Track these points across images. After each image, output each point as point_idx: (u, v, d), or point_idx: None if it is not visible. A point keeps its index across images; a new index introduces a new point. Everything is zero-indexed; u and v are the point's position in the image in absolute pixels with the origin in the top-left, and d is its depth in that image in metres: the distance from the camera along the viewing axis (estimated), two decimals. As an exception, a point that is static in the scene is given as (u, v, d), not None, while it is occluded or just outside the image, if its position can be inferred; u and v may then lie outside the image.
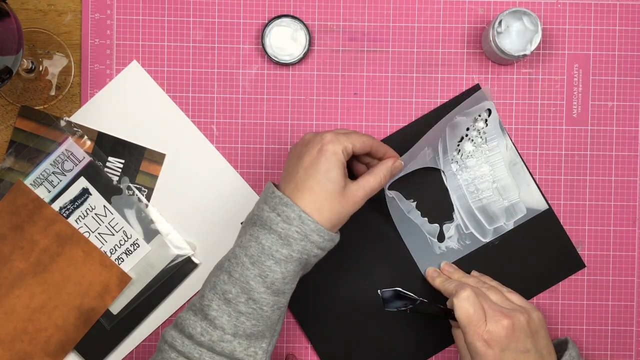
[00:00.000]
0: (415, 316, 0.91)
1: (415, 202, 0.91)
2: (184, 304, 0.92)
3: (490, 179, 0.91)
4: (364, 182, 0.79)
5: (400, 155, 0.85)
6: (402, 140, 0.92)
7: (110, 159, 0.91)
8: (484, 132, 0.92)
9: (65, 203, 0.91)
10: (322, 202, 0.76)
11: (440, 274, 0.89)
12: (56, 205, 0.91)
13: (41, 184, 0.91)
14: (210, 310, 0.76)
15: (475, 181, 0.91)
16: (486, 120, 0.91)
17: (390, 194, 0.90)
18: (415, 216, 0.91)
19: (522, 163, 0.91)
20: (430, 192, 0.92)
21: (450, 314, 0.81)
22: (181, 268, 0.91)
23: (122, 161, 0.91)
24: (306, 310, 0.92)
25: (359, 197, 0.78)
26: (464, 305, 0.79)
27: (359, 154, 0.81)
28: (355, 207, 0.78)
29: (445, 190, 0.92)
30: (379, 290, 0.81)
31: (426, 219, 0.91)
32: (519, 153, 0.91)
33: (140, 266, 0.91)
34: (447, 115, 0.88)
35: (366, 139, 0.80)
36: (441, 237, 0.92)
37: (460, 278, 0.88)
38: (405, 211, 0.91)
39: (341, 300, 0.92)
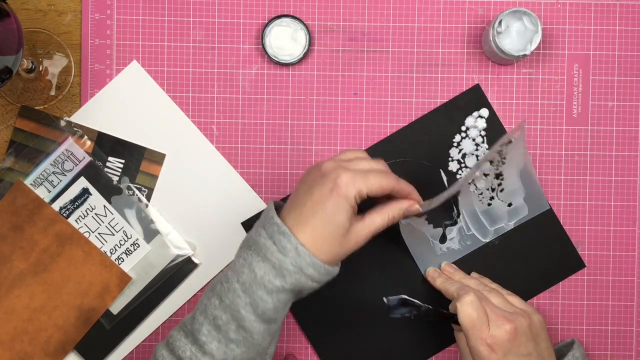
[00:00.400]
0: (418, 321, 0.91)
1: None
2: (184, 304, 0.92)
3: (498, 186, 0.91)
4: (370, 221, 0.76)
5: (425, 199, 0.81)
6: (402, 140, 0.92)
7: (110, 159, 0.91)
8: (484, 132, 0.92)
9: (65, 203, 0.91)
10: (322, 242, 0.73)
11: (441, 274, 0.89)
12: (56, 205, 0.91)
13: (41, 184, 0.91)
14: (200, 335, 0.74)
15: (484, 186, 0.91)
16: (485, 119, 0.91)
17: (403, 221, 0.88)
18: (419, 223, 0.90)
19: (532, 166, 0.89)
20: (431, 193, 0.92)
21: (453, 318, 0.81)
22: (181, 268, 0.91)
23: (122, 161, 0.91)
24: (306, 311, 0.92)
25: (362, 236, 0.76)
26: (467, 310, 0.79)
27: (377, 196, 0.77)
28: (357, 246, 0.76)
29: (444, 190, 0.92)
30: (384, 298, 0.80)
31: (431, 225, 0.91)
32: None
33: (140, 266, 0.91)
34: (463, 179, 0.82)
35: (386, 183, 0.76)
36: (443, 239, 0.92)
37: (461, 279, 0.88)
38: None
39: (341, 301, 0.92)
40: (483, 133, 0.92)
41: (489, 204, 0.91)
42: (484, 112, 0.92)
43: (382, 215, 0.77)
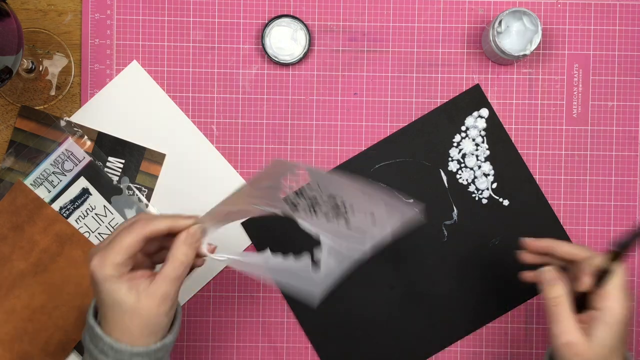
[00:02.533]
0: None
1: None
2: (184, 304, 0.92)
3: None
4: (162, 276, 0.70)
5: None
6: (402, 140, 0.92)
7: (110, 159, 0.91)
8: (484, 132, 0.92)
9: (66, 203, 0.91)
10: (122, 325, 0.69)
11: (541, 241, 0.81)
12: (56, 205, 0.91)
13: (41, 184, 0.91)
14: None
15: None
16: (485, 119, 0.91)
17: (221, 256, 0.75)
18: (278, 261, 0.76)
19: (371, 184, 0.72)
20: (431, 193, 0.92)
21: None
22: (181, 268, 0.91)
23: (122, 161, 0.91)
24: (306, 310, 0.92)
25: (160, 294, 0.69)
26: (623, 270, 0.74)
27: (140, 249, 0.71)
28: (164, 305, 0.70)
29: (445, 190, 0.92)
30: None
31: (291, 255, 0.75)
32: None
33: (140, 266, 0.91)
34: (240, 191, 0.73)
35: (131, 239, 0.69)
36: (315, 264, 0.75)
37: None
38: (263, 262, 0.76)
39: (341, 300, 0.92)
40: (483, 133, 0.92)
41: (346, 220, 0.74)
42: (484, 112, 0.92)
43: (171, 262, 0.71)
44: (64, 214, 0.91)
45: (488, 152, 0.92)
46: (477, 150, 0.92)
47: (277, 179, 0.73)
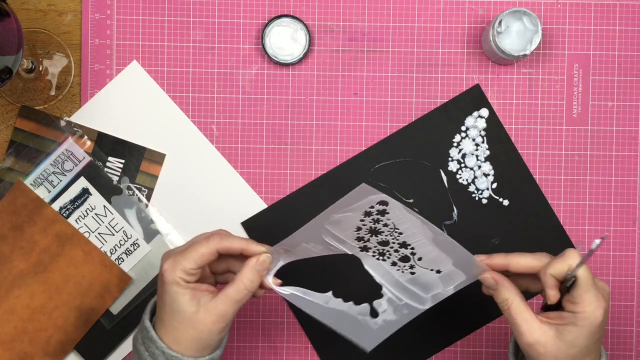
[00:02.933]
0: None
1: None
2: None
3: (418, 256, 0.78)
4: (224, 296, 0.73)
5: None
6: (402, 140, 0.92)
7: (110, 159, 0.91)
8: (484, 132, 0.92)
9: (65, 203, 0.91)
10: (175, 333, 0.73)
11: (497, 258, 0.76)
12: (56, 205, 0.91)
13: (41, 184, 0.91)
14: None
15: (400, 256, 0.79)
16: (485, 119, 0.91)
17: (286, 290, 0.78)
18: (337, 304, 0.81)
19: (446, 234, 0.75)
20: (431, 193, 0.92)
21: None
22: (181, 268, 0.91)
23: (122, 161, 0.91)
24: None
25: (218, 313, 0.72)
26: (587, 269, 0.70)
27: (211, 261, 0.74)
28: (219, 324, 0.72)
29: (445, 190, 0.92)
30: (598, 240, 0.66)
31: (351, 302, 0.80)
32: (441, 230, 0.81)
33: (140, 266, 0.91)
34: (320, 215, 0.73)
35: (206, 249, 0.73)
36: (374, 314, 0.81)
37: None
38: (323, 303, 0.80)
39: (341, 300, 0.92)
40: (483, 133, 0.92)
41: (412, 273, 0.79)
42: (484, 112, 0.92)
43: (235, 283, 0.73)
44: (64, 214, 0.91)
45: (488, 152, 0.92)
46: (477, 150, 0.92)
47: (358, 208, 0.73)
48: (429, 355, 0.92)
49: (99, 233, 0.91)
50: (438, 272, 0.78)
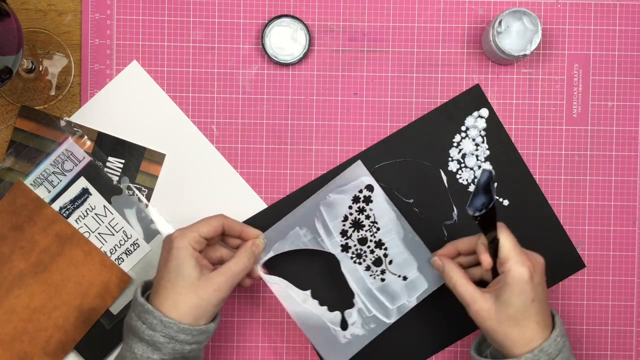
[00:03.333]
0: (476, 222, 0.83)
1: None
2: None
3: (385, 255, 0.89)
4: (224, 268, 0.80)
5: (265, 230, 0.86)
6: (402, 140, 0.92)
7: (110, 159, 0.91)
8: (484, 132, 0.92)
9: (65, 203, 0.91)
10: (176, 297, 0.77)
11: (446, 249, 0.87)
12: (56, 205, 0.91)
13: (41, 184, 0.91)
14: None
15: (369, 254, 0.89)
16: (485, 119, 0.91)
17: (272, 279, 0.87)
18: (313, 305, 0.88)
19: (417, 236, 0.88)
20: (431, 193, 0.92)
21: (494, 241, 0.80)
22: (181, 268, 0.91)
23: (122, 161, 0.91)
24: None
25: (218, 283, 0.79)
26: (508, 233, 0.79)
27: (214, 237, 0.83)
28: (218, 294, 0.79)
29: (445, 190, 0.92)
30: (483, 168, 0.81)
31: (325, 307, 0.88)
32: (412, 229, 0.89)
33: (140, 266, 0.91)
34: (318, 193, 0.87)
35: (215, 221, 0.82)
36: (344, 325, 0.88)
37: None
38: (301, 301, 0.87)
39: (342, 300, 0.92)
40: (483, 133, 0.92)
41: (382, 280, 0.88)
42: (484, 112, 0.92)
43: (235, 259, 0.81)
44: (64, 214, 0.91)
45: (488, 152, 0.92)
46: (477, 150, 0.92)
47: (349, 190, 0.87)
48: (429, 355, 0.92)
49: (99, 233, 0.91)
50: (405, 278, 0.88)
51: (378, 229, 0.88)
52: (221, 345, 0.92)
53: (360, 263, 0.88)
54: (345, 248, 0.88)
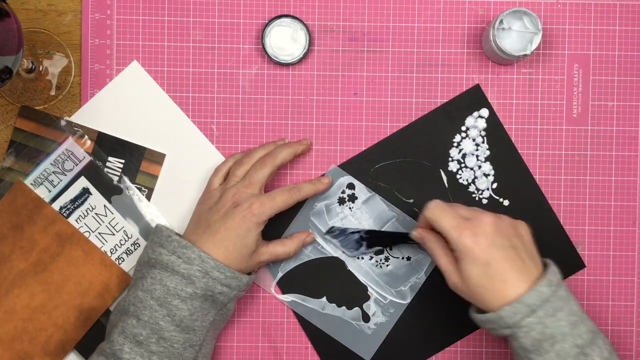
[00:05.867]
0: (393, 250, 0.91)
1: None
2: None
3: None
4: (274, 249, 0.87)
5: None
6: (402, 140, 0.92)
7: (110, 158, 0.91)
8: (484, 132, 0.92)
9: (66, 203, 0.91)
10: (232, 259, 0.82)
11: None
12: (56, 205, 0.91)
13: (41, 184, 0.91)
14: (122, 354, 0.79)
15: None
16: (485, 119, 0.91)
17: (287, 298, 0.91)
18: (332, 309, 0.91)
19: (408, 216, 0.91)
20: (429, 192, 0.92)
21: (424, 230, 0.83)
22: (181, 268, 0.91)
23: (122, 161, 0.91)
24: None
25: (264, 259, 0.86)
26: (437, 211, 0.80)
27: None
28: (258, 265, 0.86)
29: (445, 190, 0.92)
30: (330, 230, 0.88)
31: (344, 307, 0.91)
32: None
33: (140, 266, 0.91)
34: (305, 205, 0.91)
35: (289, 198, 0.85)
36: (366, 318, 0.91)
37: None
38: (320, 309, 0.91)
39: (342, 300, 0.92)
40: (483, 133, 0.92)
41: (388, 266, 0.91)
42: (484, 112, 0.92)
43: (285, 245, 0.87)
44: (64, 214, 0.91)
45: (488, 152, 0.92)
46: (477, 150, 0.92)
47: (332, 194, 0.91)
48: (429, 355, 0.92)
49: (99, 233, 0.91)
50: (408, 259, 0.91)
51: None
52: (221, 345, 0.92)
53: (363, 257, 0.91)
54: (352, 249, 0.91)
